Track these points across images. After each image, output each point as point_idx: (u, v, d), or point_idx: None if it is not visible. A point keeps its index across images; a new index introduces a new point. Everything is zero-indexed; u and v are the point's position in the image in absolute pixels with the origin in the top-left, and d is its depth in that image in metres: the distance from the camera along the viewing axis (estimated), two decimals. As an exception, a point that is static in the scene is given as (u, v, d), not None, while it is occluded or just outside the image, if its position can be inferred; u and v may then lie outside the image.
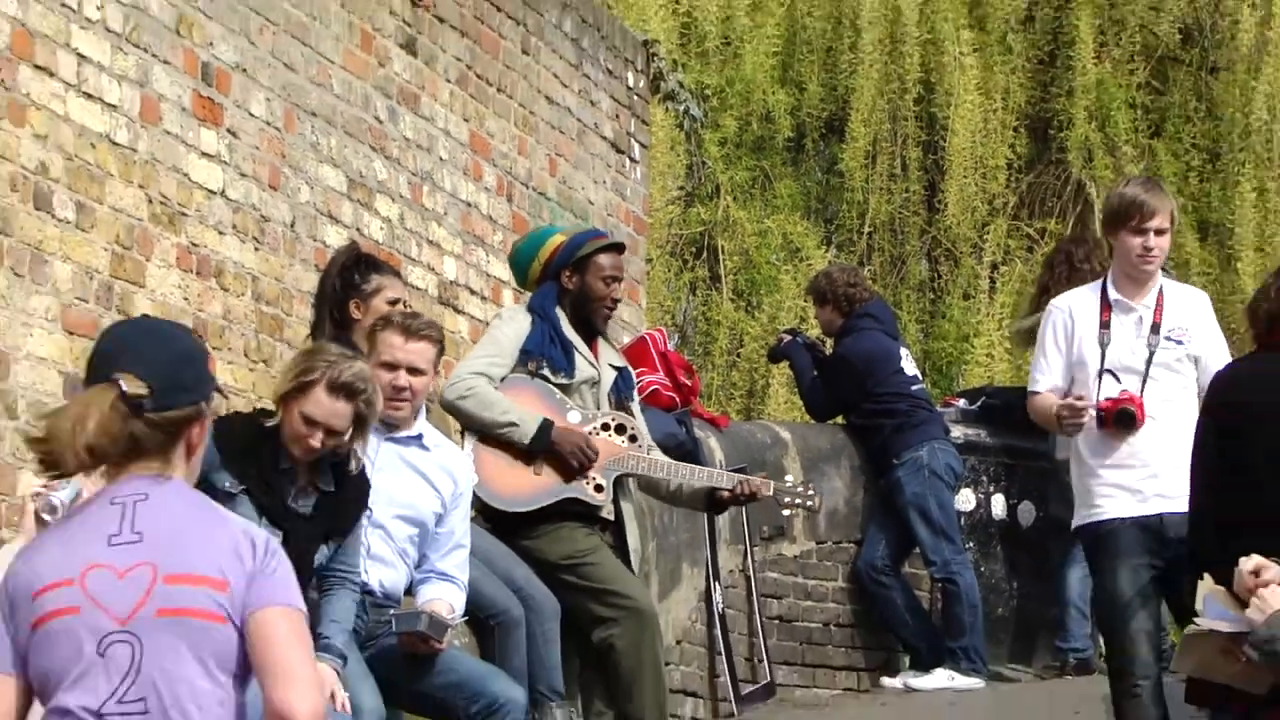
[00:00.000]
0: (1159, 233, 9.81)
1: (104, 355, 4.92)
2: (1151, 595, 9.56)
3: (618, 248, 11.32)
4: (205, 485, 8.46)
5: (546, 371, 10.72)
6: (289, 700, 4.57)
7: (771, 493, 11.46)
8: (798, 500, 11.67)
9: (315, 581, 8.43)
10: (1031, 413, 10.29)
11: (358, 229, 11.48)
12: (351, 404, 7.81)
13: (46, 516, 6.82)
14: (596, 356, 10.83)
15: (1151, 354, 9.74)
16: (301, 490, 8.46)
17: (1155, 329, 9.79)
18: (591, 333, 10.86)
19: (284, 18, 11.10)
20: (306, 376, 8.20)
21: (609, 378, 10.92)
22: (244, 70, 10.72)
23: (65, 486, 6.94)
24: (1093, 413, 9.65)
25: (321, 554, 8.69)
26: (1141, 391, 9.68)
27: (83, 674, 4.61)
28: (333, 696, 8.17)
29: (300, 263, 11.07)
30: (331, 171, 11.52)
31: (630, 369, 11.44)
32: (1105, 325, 9.82)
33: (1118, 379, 9.69)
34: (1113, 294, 9.85)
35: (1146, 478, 9.57)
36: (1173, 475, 9.22)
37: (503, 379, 10.71)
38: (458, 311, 13.00)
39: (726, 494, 11.13)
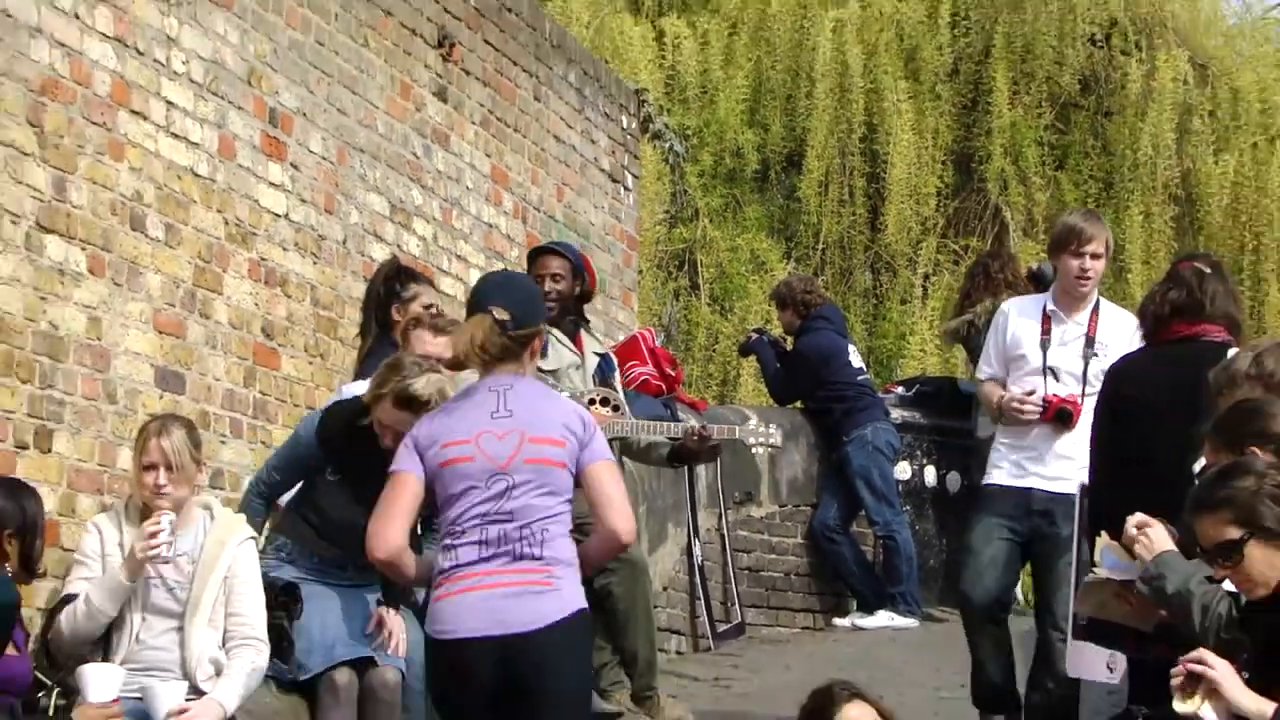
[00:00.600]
0: (1094, 256, 9.82)
1: (480, 294, 7.40)
2: (1002, 551, 9.66)
3: (544, 250, 11.40)
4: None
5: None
6: (616, 522, 7.19)
7: (738, 436, 11.94)
8: (760, 439, 11.81)
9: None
10: (980, 395, 10.58)
11: (398, 246, 11.58)
12: (415, 414, 7.95)
13: (165, 558, 7.80)
14: (581, 347, 10.91)
15: (1087, 364, 9.76)
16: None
17: (1090, 342, 9.83)
18: (575, 328, 10.97)
19: (337, 70, 11.13)
20: (380, 389, 8.55)
21: (592, 363, 11.01)
22: (304, 114, 10.73)
23: (166, 527, 7.76)
24: (1039, 401, 9.72)
25: None
26: (1081, 396, 9.77)
27: (472, 496, 7.01)
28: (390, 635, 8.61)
29: (351, 274, 11.14)
30: (376, 198, 11.54)
31: (612, 356, 11.52)
32: (1046, 333, 9.85)
33: (1059, 379, 9.74)
34: (1051, 307, 9.86)
35: (1031, 459, 9.72)
36: (1053, 461, 9.69)
37: None
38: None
39: (686, 442, 11.18)
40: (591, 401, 10.76)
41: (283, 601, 8.64)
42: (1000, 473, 9.82)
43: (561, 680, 7.11)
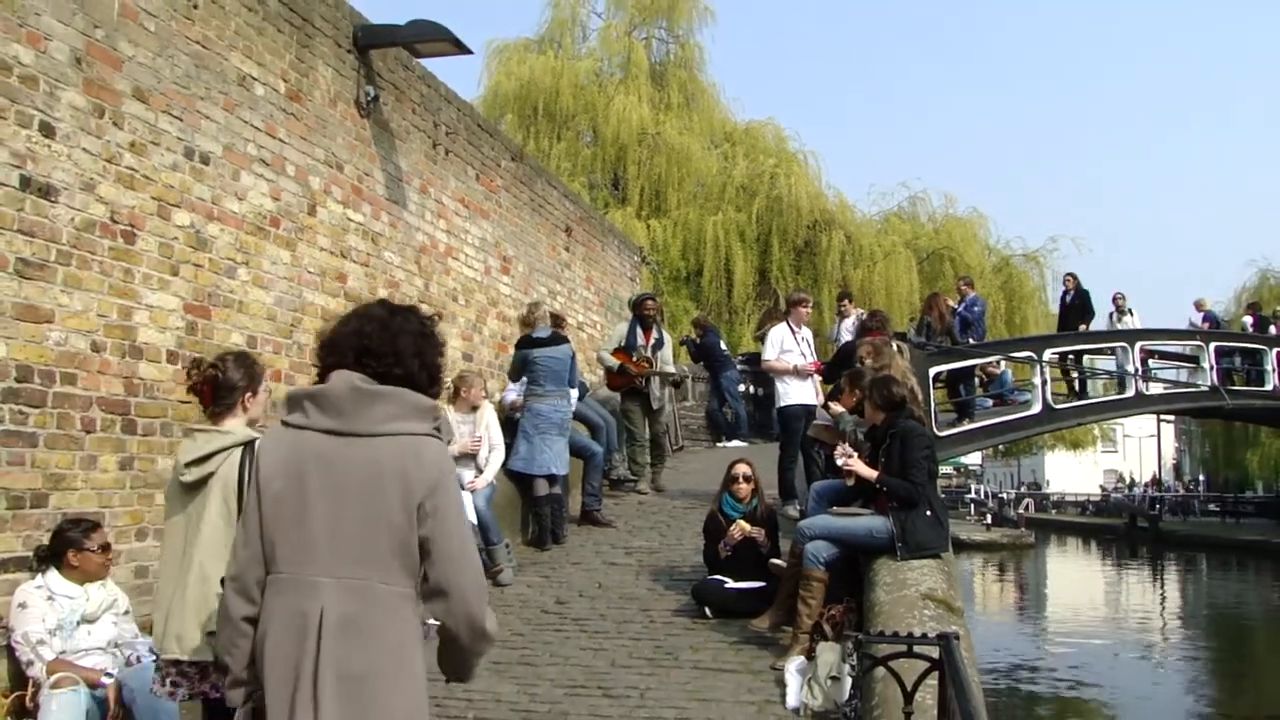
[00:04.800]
0: (809, 308, 9.55)
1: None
2: (801, 432, 8.47)
3: (650, 298, 10.58)
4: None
5: (625, 345, 10.10)
6: None
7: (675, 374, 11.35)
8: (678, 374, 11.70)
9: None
10: (768, 367, 9.41)
11: (551, 307, 11.01)
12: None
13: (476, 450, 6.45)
14: (649, 338, 10.12)
15: (812, 349, 9.21)
16: None
17: (809, 342, 9.17)
18: (646, 329, 10.14)
19: (529, 240, 10.91)
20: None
21: (654, 344, 10.14)
22: (516, 258, 10.60)
23: (481, 440, 7.31)
24: (810, 366, 9.05)
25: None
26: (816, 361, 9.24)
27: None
28: None
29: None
30: (544, 289, 11.34)
31: (665, 339, 10.39)
32: (793, 337, 9.10)
33: (805, 356, 9.00)
34: (794, 328, 9.17)
35: (803, 391, 8.91)
36: (810, 392, 8.96)
37: (614, 350, 10.10)
38: (580, 330, 12.41)
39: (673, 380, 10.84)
40: (645, 359, 10.19)
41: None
42: (793, 397, 8.99)
43: None
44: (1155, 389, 17.19)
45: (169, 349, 5.67)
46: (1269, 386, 17.45)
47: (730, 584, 6.54)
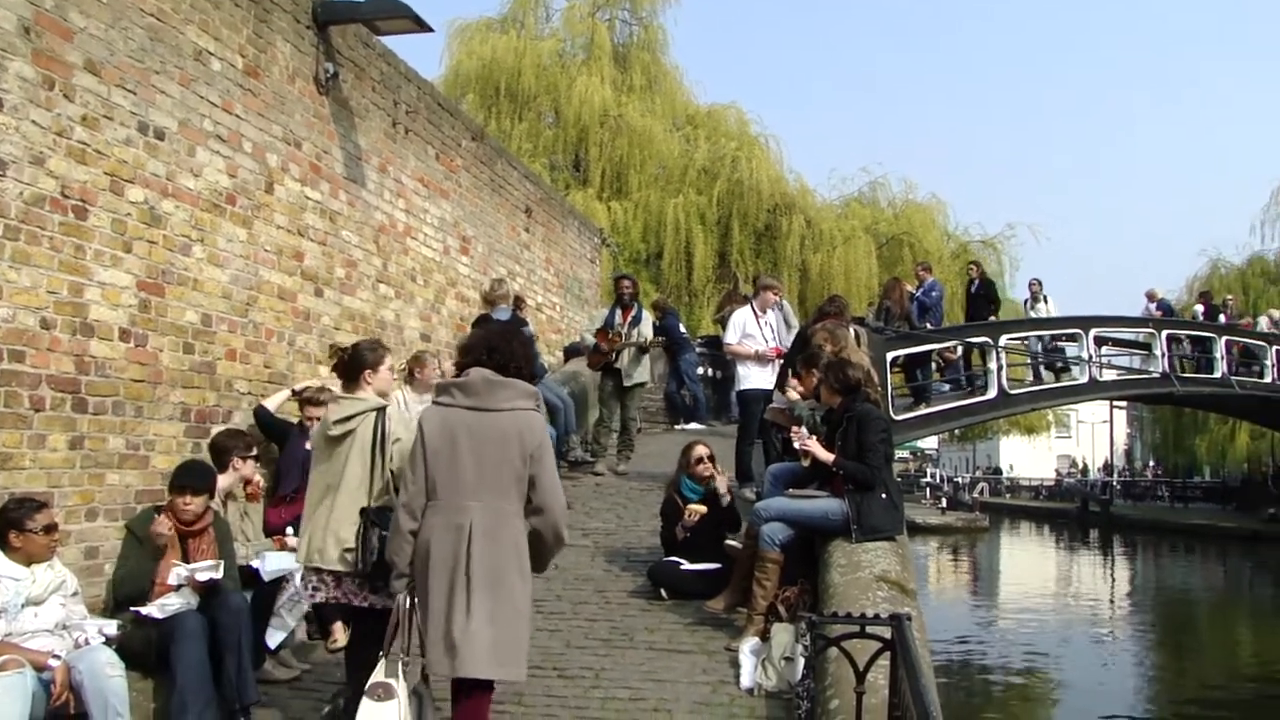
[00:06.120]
0: (776, 294, 9.43)
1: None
2: (760, 415, 8.28)
3: (626, 277, 10.80)
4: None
5: (605, 324, 10.09)
6: None
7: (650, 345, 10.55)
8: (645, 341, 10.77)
9: None
10: (728, 350, 9.45)
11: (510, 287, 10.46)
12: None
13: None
14: (626, 315, 10.11)
15: (776, 334, 9.07)
16: None
17: (772, 327, 9.10)
18: (625, 307, 10.14)
19: (489, 221, 10.81)
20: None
21: (631, 321, 10.07)
22: (475, 238, 10.51)
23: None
24: (771, 351, 8.96)
25: None
26: (778, 347, 9.05)
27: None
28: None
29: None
30: (503, 269, 11.19)
31: (643, 315, 10.37)
32: (757, 322, 9.06)
33: (767, 341, 8.98)
34: (757, 312, 9.15)
35: (764, 376, 8.74)
36: (768, 376, 8.71)
37: (596, 331, 10.11)
38: (539, 311, 12.44)
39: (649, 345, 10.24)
40: (622, 334, 10.13)
41: None
42: (753, 381, 8.94)
43: None
44: (1109, 375, 17.48)
45: (121, 326, 5.58)
46: (1218, 374, 17.82)
47: (686, 565, 6.53)
